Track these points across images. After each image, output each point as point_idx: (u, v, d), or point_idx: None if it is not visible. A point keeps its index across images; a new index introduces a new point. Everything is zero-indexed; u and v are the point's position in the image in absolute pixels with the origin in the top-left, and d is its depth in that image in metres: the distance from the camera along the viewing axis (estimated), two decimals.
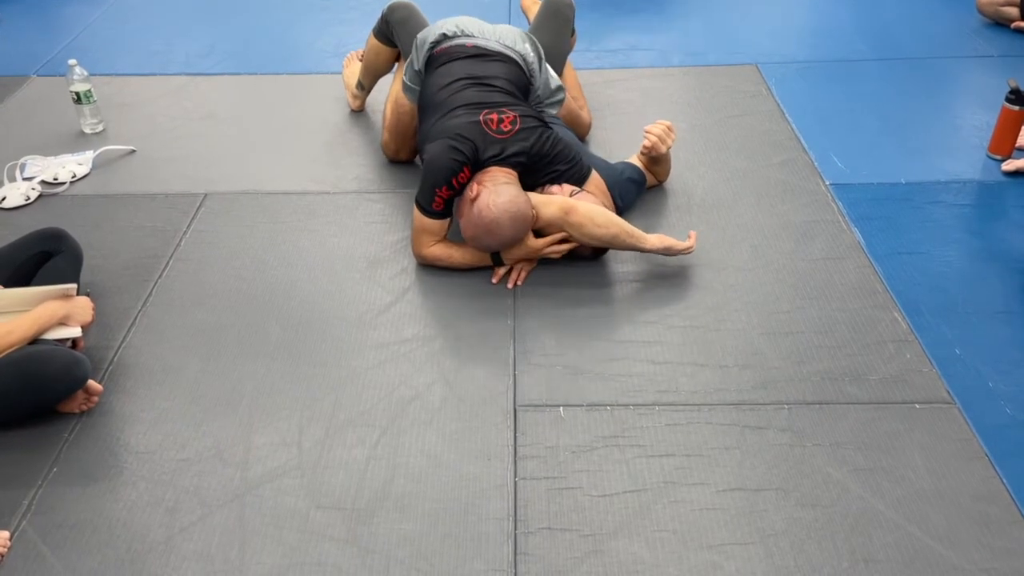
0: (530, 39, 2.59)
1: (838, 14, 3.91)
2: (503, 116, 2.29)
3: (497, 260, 2.33)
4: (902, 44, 3.59)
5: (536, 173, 2.33)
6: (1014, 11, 3.64)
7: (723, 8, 4.01)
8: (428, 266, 2.38)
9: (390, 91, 2.82)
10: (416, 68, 2.56)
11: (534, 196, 2.29)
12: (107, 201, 2.71)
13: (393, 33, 2.80)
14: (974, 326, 2.13)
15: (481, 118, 2.28)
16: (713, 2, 4.08)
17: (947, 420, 1.88)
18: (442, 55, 2.50)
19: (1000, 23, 3.69)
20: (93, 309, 2.04)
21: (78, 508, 1.75)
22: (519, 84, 2.48)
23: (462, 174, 2.25)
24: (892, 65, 3.42)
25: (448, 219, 2.35)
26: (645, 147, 2.51)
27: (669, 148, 2.53)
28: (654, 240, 2.28)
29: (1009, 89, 2.70)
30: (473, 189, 2.21)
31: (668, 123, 2.53)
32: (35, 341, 1.92)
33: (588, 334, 2.15)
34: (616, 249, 2.32)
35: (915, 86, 3.26)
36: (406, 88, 2.63)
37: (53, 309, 1.94)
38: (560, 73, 2.78)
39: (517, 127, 2.29)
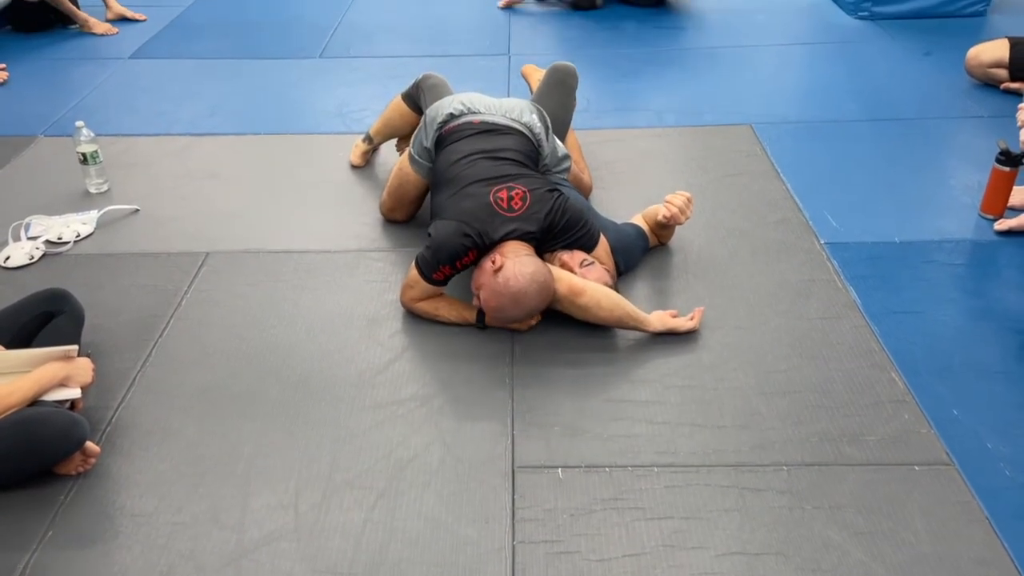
0: (536, 109, 2.65)
1: (830, 76, 3.99)
2: (513, 193, 2.31)
3: (480, 324, 2.35)
4: (893, 105, 3.66)
5: (548, 242, 2.36)
6: (1003, 72, 3.71)
7: (717, 69, 4.10)
8: (416, 317, 2.42)
9: (400, 153, 2.87)
10: (426, 145, 2.61)
11: None
12: (110, 260, 2.74)
13: (422, 97, 2.86)
14: (971, 386, 2.14)
15: (491, 198, 2.30)
16: (707, 63, 4.17)
17: (946, 482, 1.88)
18: (451, 134, 2.55)
19: (989, 84, 3.77)
20: (93, 370, 2.05)
21: (73, 572, 1.73)
22: (528, 154, 2.52)
23: (466, 258, 2.28)
24: (884, 125, 3.48)
25: (444, 287, 2.38)
26: (665, 217, 2.52)
27: (688, 219, 2.56)
28: (656, 323, 2.30)
29: (999, 150, 2.74)
30: (496, 260, 2.22)
31: (688, 195, 2.55)
32: (34, 402, 1.92)
33: (586, 394, 2.16)
34: (618, 328, 2.34)
35: (907, 146, 3.32)
36: (413, 161, 2.67)
37: (54, 371, 1.95)
38: (563, 138, 2.84)
39: (528, 203, 2.31)
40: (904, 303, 2.44)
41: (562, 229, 2.34)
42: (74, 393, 1.98)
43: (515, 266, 2.19)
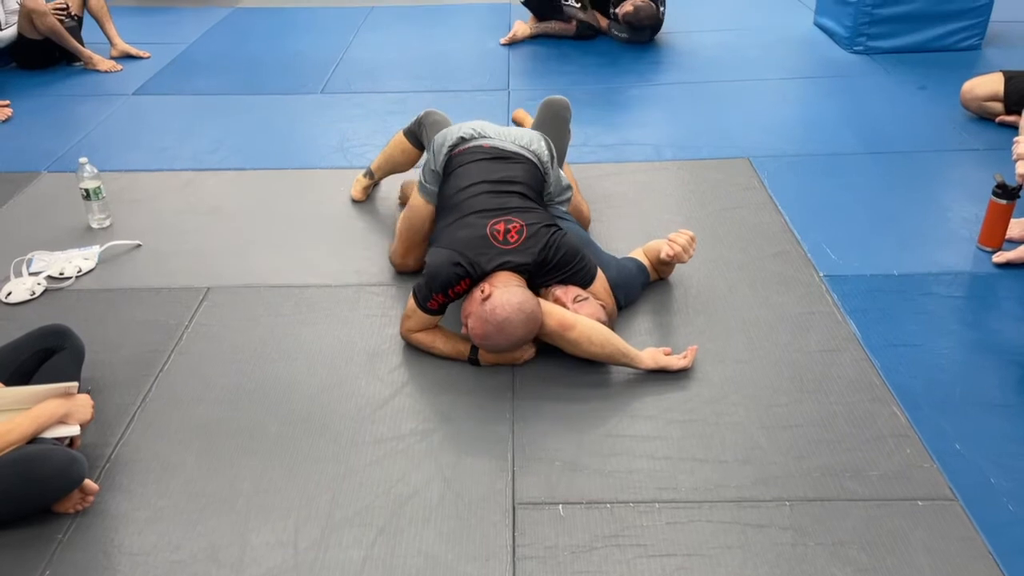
0: (544, 139, 2.69)
1: (826, 109, 4.03)
2: (510, 226, 2.33)
3: (474, 359, 2.36)
4: (890, 138, 3.69)
5: (542, 277, 2.37)
6: (998, 105, 3.74)
7: (714, 103, 4.13)
8: (416, 351, 2.43)
9: (404, 198, 2.85)
10: (434, 168, 2.63)
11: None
12: (111, 295, 2.74)
13: (423, 134, 2.90)
14: (973, 420, 2.13)
15: (488, 230, 2.32)
16: (704, 98, 4.21)
17: (950, 517, 1.86)
18: (461, 156, 2.58)
19: (984, 117, 3.80)
20: (93, 407, 2.04)
21: None
22: (534, 184, 2.55)
23: (459, 286, 2.29)
24: (881, 158, 3.51)
25: (440, 316, 2.39)
26: (668, 255, 2.51)
27: (690, 257, 2.56)
28: (648, 361, 2.30)
29: (996, 183, 2.76)
30: (484, 289, 2.23)
31: (692, 234, 2.55)
32: (33, 439, 1.91)
33: (587, 428, 2.15)
34: (611, 364, 2.34)
35: (904, 179, 3.34)
36: (422, 188, 2.69)
37: (53, 408, 1.95)
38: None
39: (524, 236, 2.33)
40: (904, 336, 2.44)
41: (555, 265, 2.35)
42: (73, 430, 1.98)
43: (503, 295, 2.20)
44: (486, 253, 2.29)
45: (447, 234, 2.37)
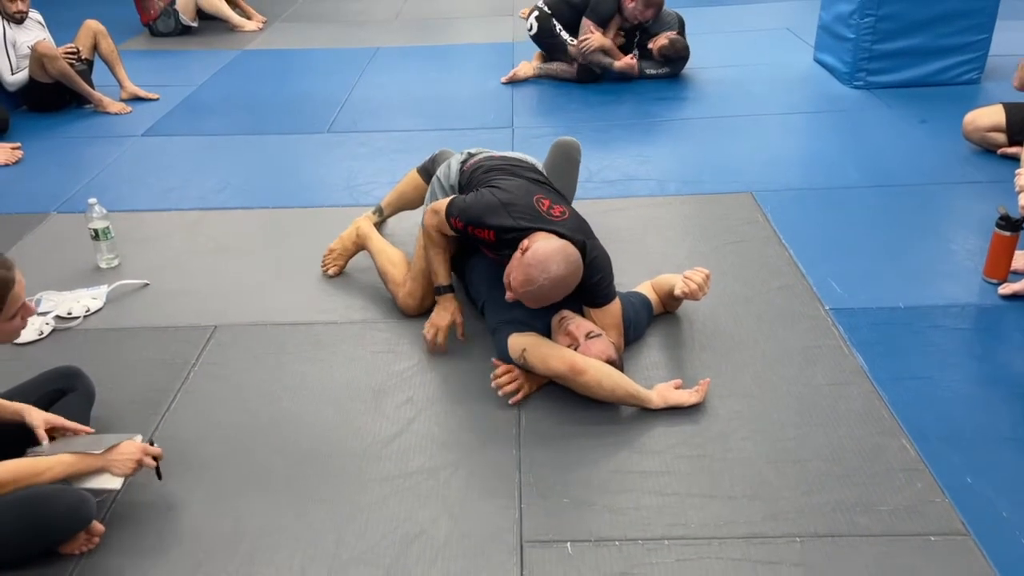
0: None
1: (829, 143, 4.06)
2: (555, 205, 2.43)
3: (440, 289, 2.57)
4: (892, 171, 3.71)
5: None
6: (1001, 137, 3.76)
7: (717, 138, 4.17)
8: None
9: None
10: (451, 182, 2.72)
11: (548, 343, 2.33)
12: (118, 335, 2.76)
13: (437, 170, 2.94)
14: (983, 453, 2.11)
15: (535, 200, 2.42)
16: (707, 133, 4.25)
17: (963, 553, 1.84)
18: (475, 166, 2.67)
19: (987, 149, 3.82)
20: (138, 462, 1.98)
21: None
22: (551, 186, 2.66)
23: (481, 231, 2.37)
24: (884, 192, 3.53)
25: (454, 238, 2.52)
26: (683, 292, 2.49)
27: (705, 295, 2.52)
28: (657, 401, 2.29)
29: (999, 216, 2.77)
30: (524, 245, 2.29)
31: (707, 272, 2.53)
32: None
33: (595, 464, 2.14)
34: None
35: (907, 212, 3.35)
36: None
37: (91, 460, 1.93)
38: None
39: (567, 217, 2.42)
40: (912, 369, 2.43)
41: (588, 264, 2.35)
42: (115, 483, 1.95)
43: (543, 243, 2.28)
44: (535, 218, 2.36)
45: (497, 182, 2.48)
